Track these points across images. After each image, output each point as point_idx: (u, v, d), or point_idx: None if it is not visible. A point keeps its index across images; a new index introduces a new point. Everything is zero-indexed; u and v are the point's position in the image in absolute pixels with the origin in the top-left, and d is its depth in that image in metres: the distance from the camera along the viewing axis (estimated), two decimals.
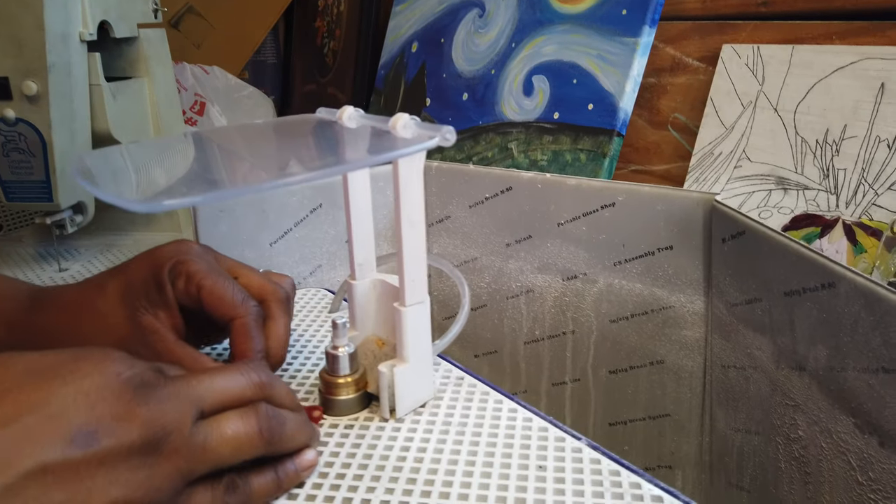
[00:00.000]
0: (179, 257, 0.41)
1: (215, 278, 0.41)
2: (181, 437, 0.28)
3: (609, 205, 0.63)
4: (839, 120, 0.70)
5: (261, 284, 0.43)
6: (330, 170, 0.31)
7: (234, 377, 0.32)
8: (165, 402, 0.28)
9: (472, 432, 0.40)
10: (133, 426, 0.27)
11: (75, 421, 0.25)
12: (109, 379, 0.27)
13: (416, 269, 0.40)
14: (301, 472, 0.34)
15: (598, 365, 0.69)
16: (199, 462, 0.29)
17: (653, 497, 0.34)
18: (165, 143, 0.43)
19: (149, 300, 0.40)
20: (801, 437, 0.47)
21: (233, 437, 0.30)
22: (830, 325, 0.42)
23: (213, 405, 0.30)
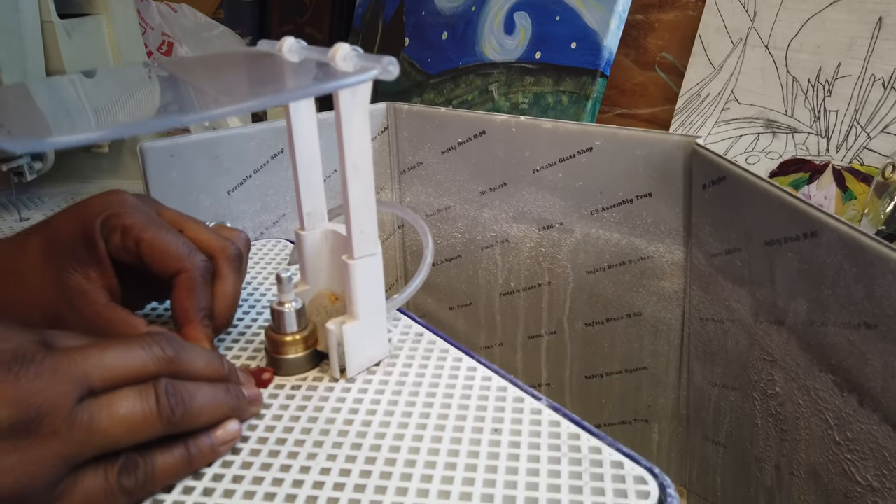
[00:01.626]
0: (113, 210, 0.37)
1: (156, 230, 0.37)
2: (60, 418, 0.25)
3: (586, 149, 0.60)
4: (833, 57, 0.66)
5: (209, 239, 0.40)
6: (242, 105, 0.28)
7: (132, 351, 0.28)
8: (41, 380, 0.25)
9: (427, 392, 0.37)
10: (2, 404, 0.24)
11: None
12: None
13: (365, 219, 0.37)
14: (219, 448, 0.31)
15: (575, 317, 0.67)
16: (84, 445, 0.26)
17: (612, 462, 0.31)
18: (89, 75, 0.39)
19: (77, 259, 0.36)
20: (779, 394, 0.45)
21: (126, 417, 0.27)
22: (811, 276, 0.39)
23: (104, 382, 0.27)
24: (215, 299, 0.39)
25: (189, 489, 0.30)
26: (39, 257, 0.37)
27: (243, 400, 0.33)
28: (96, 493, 0.26)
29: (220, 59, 0.38)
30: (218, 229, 0.42)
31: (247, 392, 0.34)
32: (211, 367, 0.32)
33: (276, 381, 0.38)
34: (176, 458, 0.29)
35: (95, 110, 0.30)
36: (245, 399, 0.33)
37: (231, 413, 0.32)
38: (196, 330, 0.37)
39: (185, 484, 0.30)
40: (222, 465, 0.31)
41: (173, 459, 0.29)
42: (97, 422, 0.26)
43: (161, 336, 0.30)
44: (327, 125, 0.42)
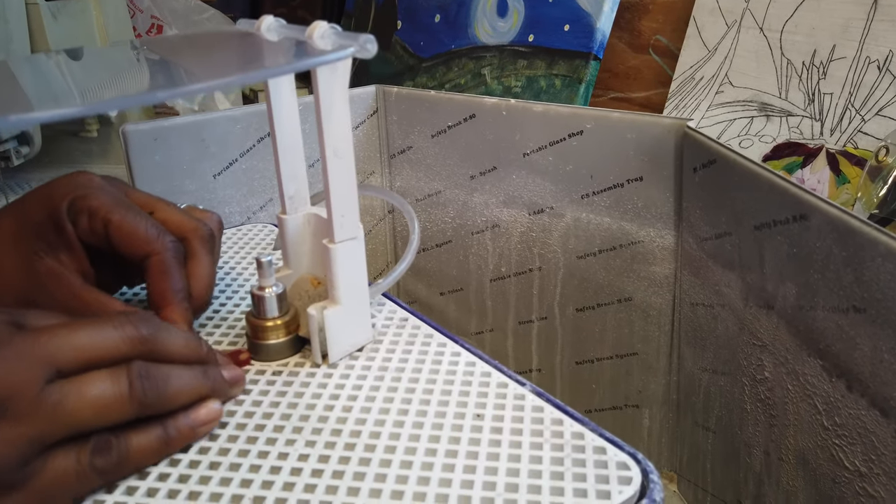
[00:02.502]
0: (78, 192, 0.36)
1: (123, 212, 0.36)
2: (26, 401, 0.24)
3: (577, 133, 0.59)
4: (828, 39, 0.65)
5: (180, 220, 0.39)
6: (215, 82, 0.27)
7: (103, 331, 0.28)
8: (6, 362, 0.25)
9: (410, 378, 0.36)
10: None
11: None
12: None
13: (346, 203, 0.36)
14: (198, 428, 0.30)
15: (566, 303, 0.66)
16: (52, 426, 0.25)
17: (595, 448, 0.31)
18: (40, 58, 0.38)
19: (47, 243, 0.36)
20: (768, 379, 0.45)
21: (95, 400, 0.26)
22: (801, 260, 0.39)
23: (73, 363, 0.27)
24: (191, 280, 0.38)
25: (164, 476, 0.29)
26: (9, 242, 0.36)
27: (222, 382, 0.33)
28: (68, 473, 0.26)
29: (201, 39, 0.37)
30: (189, 211, 0.41)
31: (228, 373, 0.33)
32: (188, 347, 0.31)
33: (256, 367, 0.38)
34: (152, 439, 0.29)
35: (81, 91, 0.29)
36: (224, 381, 0.33)
37: (209, 395, 0.31)
38: (175, 312, 0.36)
39: (160, 470, 0.30)
40: (199, 451, 0.31)
41: (149, 440, 0.29)
42: (65, 404, 0.26)
43: (135, 316, 0.29)
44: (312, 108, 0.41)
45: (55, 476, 0.26)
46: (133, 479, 0.29)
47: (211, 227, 0.40)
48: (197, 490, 0.29)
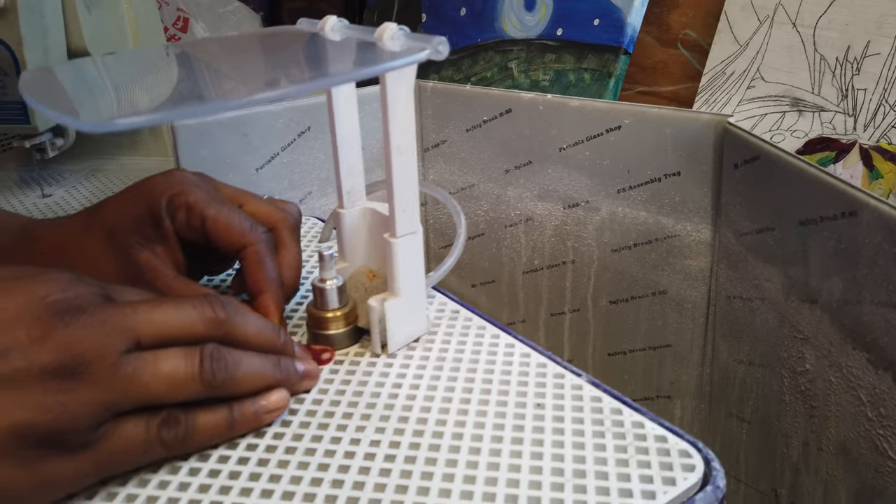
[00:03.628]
0: (175, 189, 0.38)
1: (219, 207, 0.38)
2: (103, 367, 0.26)
3: (614, 128, 0.60)
4: (862, 35, 0.65)
5: (267, 212, 0.41)
6: (299, 87, 0.28)
7: (182, 310, 0.29)
8: (88, 329, 0.26)
9: (468, 368, 0.38)
10: (47, 349, 0.25)
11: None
12: (33, 301, 0.26)
13: (407, 199, 0.37)
14: (263, 415, 0.32)
15: (599, 295, 0.68)
16: (124, 394, 0.27)
17: (656, 437, 0.32)
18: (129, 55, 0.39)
19: (144, 236, 0.38)
20: (809, 371, 0.46)
21: (168, 375, 0.28)
22: (848, 256, 0.39)
23: (151, 337, 0.28)
24: (282, 268, 0.40)
25: (244, 459, 0.31)
26: (105, 235, 0.38)
27: (294, 374, 0.34)
28: (136, 440, 0.28)
29: (267, 40, 0.38)
30: (272, 202, 0.43)
31: (301, 366, 0.34)
32: (262, 335, 0.32)
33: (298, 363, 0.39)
34: (218, 419, 0.30)
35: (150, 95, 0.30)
36: (296, 373, 0.34)
37: (277, 385, 0.33)
38: (269, 299, 0.38)
39: (239, 454, 0.31)
40: (274, 436, 0.32)
41: (215, 420, 0.30)
42: (139, 375, 0.27)
43: (215, 298, 0.31)
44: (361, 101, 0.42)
45: (123, 442, 0.27)
46: (213, 461, 0.30)
47: (295, 217, 0.42)
48: (277, 473, 0.30)
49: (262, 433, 0.32)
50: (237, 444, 0.32)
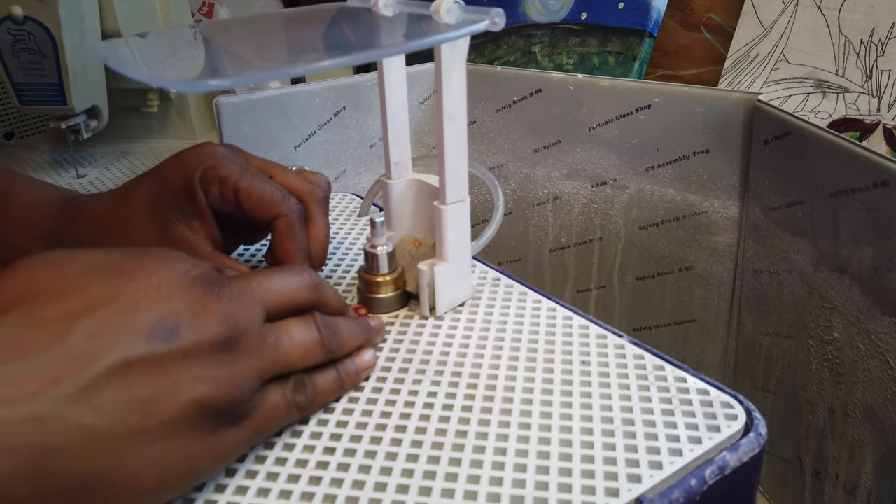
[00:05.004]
0: (207, 163, 0.38)
1: (251, 179, 0.39)
2: (254, 337, 0.27)
3: (644, 107, 0.61)
4: (887, 17, 0.66)
5: (296, 184, 0.42)
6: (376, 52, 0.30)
7: (289, 278, 0.31)
8: (237, 301, 0.27)
9: (514, 329, 0.39)
10: (211, 322, 0.26)
11: (152, 315, 0.24)
12: (178, 275, 0.26)
13: (457, 166, 0.39)
14: (361, 372, 0.34)
15: (625, 272, 0.69)
16: (272, 362, 0.28)
17: (699, 390, 0.34)
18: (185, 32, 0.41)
19: (181, 211, 0.38)
20: (836, 339, 0.48)
21: (300, 344, 0.30)
22: (880, 225, 0.41)
23: (275, 306, 0.30)
24: (310, 241, 0.41)
25: None
26: (143, 211, 0.39)
27: (371, 330, 0.36)
28: (279, 406, 0.29)
29: (324, 15, 0.40)
30: (301, 174, 0.44)
31: (374, 322, 0.37)
32: (337, 297, 0.35)
33: (369, 319, 0.41)
34: (331, 379, 0.32)
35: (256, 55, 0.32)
36: (373, 330, 0.36)
37: (365, 343, 0.35)
38: None
39: None
40: None
41: (329, 380, 0.32)
42: (280, 343, 0.29)
43: (304, 266, 0.33)
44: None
45: (271, 408, 0.29)
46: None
47: (324, 189, 0.43)
48: (343, 420, 0.32)
49: None
50: None
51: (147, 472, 0.24)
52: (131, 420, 0.23)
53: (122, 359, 0.23)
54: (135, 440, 0.23)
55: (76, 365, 0.22)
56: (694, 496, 0.28)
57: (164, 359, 0.24)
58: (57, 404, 0.22)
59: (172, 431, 0.24)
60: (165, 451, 0.24)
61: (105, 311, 0.24)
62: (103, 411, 0.22)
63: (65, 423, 0.22)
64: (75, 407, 0.22)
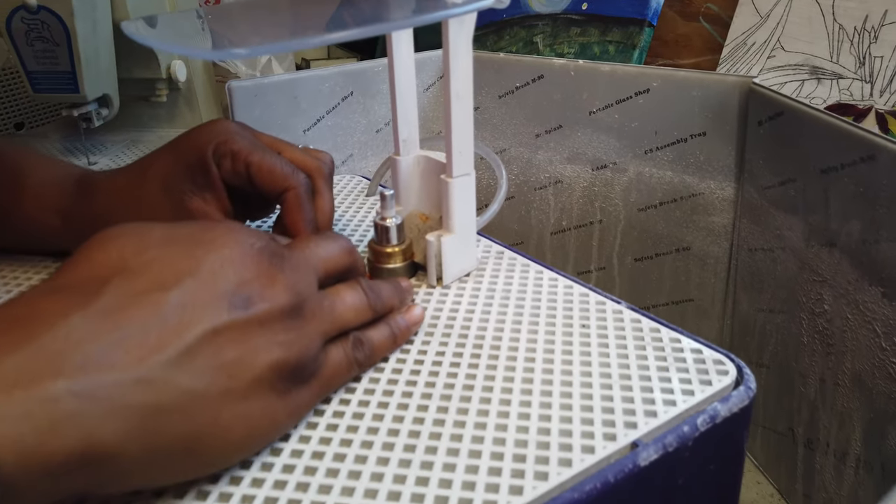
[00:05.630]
0: (220, 138, 0.40)
1: (261, 153, 0.41)
2: (315, 302, 0.29)
3: (643, 91, 0.63)
4: (880, 5, 0.68)
5: (304, 160, 0.43)
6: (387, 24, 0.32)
7: (332, 245, 0.33)
8: (297, 270, 0.29)
9: (517, 297, 0.41)
10: (279, 291, 0.28)
11: (229, 286, 0.26)
12: (246, 248, 0.28)
13: (463, 141, 0.41)
14: (412, 326, 0.36)
15: (624, 253, 0.71)
16: (331, 324, 0.30)
17: (692, 349, 0.36)
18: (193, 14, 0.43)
19: (194, 183, 0.40)
20: (826, 311, 0.49)
21: (351, 304, 0.32)
22: (867, 198, 0.43)
23: (324, 272, 0.32)
24: (317, 212, 0.43)
25: None
26: (159, 184, 0.41)
27: (404, 290, 0.38)
28: (341, 364, 0.32)
29: None
30: (307, 151, 0.46)
31: (405, 283, 0.39)
32: (362, 263, 0.37)
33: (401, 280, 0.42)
34: (385, 335, 0.34)
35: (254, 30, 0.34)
36: (405, 289, 0.38)
37: (401, 303, 0.37)
38: None
39: None
40: None
41: (383, 336, 0.34)
42: (335, 306, 0.31)
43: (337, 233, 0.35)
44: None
45: (334, 366, 0.31)
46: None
47: (329, 165, 0.45)
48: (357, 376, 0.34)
49: None
50: None
51: (236, 427, 0.26)
52: (221, 382, 0.25)
53: (211, 327, 0.25)
54: (225, 399, 0.25)
55: (173, 333, 0.24)
56: (686, 441, 0.30)
57: (244, 326, 0.26)
58: (161, 368, 0.24)
59: (255, 391, 0.26)
60: (250, 408, 0.26)
61: (190, 282, 0.26)
62: (198, 374, 0.25)
63: (168, 385, 0.24)
64: (176, 370, 0.24)
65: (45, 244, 0.45)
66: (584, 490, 0.27)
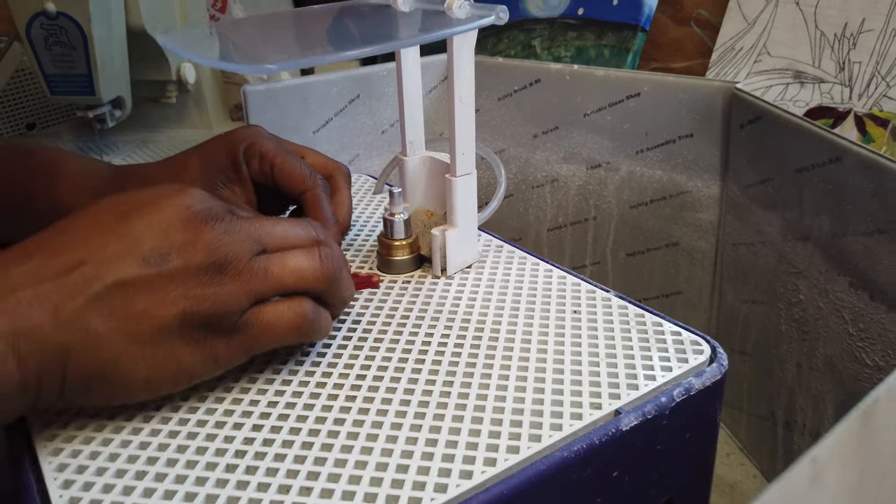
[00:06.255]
0: (251, 140, 0.45)
1: (285, 156, 0.45)
2: (241, 265, 0.32)
3: (634, 95, 0.67)
4: (858, 13, 0.72)
5: (325, 162, 0.48)
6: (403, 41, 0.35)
7: (295, 227, 0.36)
8: (229, 234, 0.32)
9: (515, 286, 0.45)
10: (198, 250, 0.31)
11: (148, 245, 0.31)
12: (180, 211, 0.32)
13: (466, 143, 0.45)
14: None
15: (617, 248, 0.75)
16: (262, 284, 0.33)
17: (672, 332, 0.40)
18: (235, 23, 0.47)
19: (226, 177, 0.45)
20: (802, 301, 0.53)
21: (295, 268, 0.34)
22: (835, 195, 0.47)
23: (274, 247, 0.34)
24: (337, 208, 0.47)
25: (343, 345, 0.38)
26: (196, 175, 0.46)
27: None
28: (274, 325, 0.33)
29: (351, 10, 0.45)
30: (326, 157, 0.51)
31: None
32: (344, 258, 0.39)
33: (388, 278, 0.47)
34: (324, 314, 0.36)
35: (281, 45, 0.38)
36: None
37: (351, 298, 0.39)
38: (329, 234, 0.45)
39: (339, 342, 0.39)
40: (358, 341, 0.40)
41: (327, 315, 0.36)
42: (271, 269, 0.33)
43: (316, 223, 0.38)
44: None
45: (266, 325, 0.33)
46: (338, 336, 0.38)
47: (347, 169, 0.50)
48: (371, 354, 0.38)
49: (355, 325, 0.40)
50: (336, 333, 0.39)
51: (139, 368, 0.30)
52: (126, 326, 0.30)
53: (119, 279, 0.30)
54: (129, 342, 0.30)
55: (88, 283, 0.30)
56: (664, 410, 0.34)
57: (153, 279, 0.30)
58: (73, 312, 0.29)
59: (160, 337, 0.30)
60: (154, 352, 0.30)
61: (116, 243, 0.31)
62: (105, 318, 0.30)
63: (78, 325, 0.29)
64: (86, 314, 0.29)
65: None
66: (573, 450, 0.31)
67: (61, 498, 0.29)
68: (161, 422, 0.33)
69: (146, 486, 0.29)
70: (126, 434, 0.32)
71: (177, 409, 0.34)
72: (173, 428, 0.33)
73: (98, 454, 0.31)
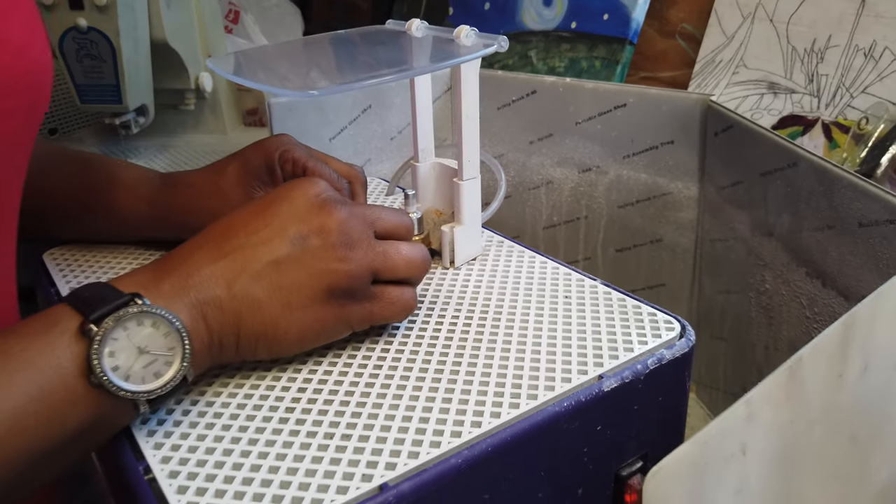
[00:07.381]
0: (285, 146, 0.51)
1: (315, 163, 0.52)
2: (365, 244, 0.39)
3: (621, 105, 0.74)
4: (825, 30, 0.79)
5: (346, 169, 0.55)
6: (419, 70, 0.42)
7: (395, 213, 0.42)
8: (352, 217, 0.39)
9: (514, 276, 0.52)
10: (331, 230, 0.38)
11: (292, 229, 0.37)
12: (311, 199, 0.39)
13: (472, 152, 0.52)
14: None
15: (607, 245, 0.82)
16: (381, 264, 0.39)
17: (649, 313, 0.46)
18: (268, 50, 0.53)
19: (262, 181, 0.51)
20: (768, 290, 0.60)
21: (406, 256, 0.40)
22: (793, 196, 0.54)
23: (383, 230, 0.41)
24: None
25: None
26: (235, 179, 0.52)
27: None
28: (394, 302, 0.41)
29: (371, 36, 0.52)
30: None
31: None
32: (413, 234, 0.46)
33: None
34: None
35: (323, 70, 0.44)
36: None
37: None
38: None
39: None
40: None
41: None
42: (389, 253, 0.40)
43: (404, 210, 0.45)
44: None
45: (389, 301, 0.41)
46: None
47: (364, 176, 0.56)
48: (389, 339, 0.45)
49: None
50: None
51: (293, 329, 0.38)
52: (282, 296, 0.37)
53: (275, 258, 0.37)
54: (285, 308, 0.37)
55: (248, 262, 0.37)
56: (639, 375, 0.41)
57: (300, 257, 0.37)
58: (242, 284, 0.36)
59: (309, 303, 0.38)
60: (303, 316, 0.38)
61: (263, 231, 0.38)
62: (265, 290, 0.37)
63: (247, 295, 0.36)
64: (252, 286, 0.36)
65: (135, 231, 0.56)
66: (563, 406, 0.38)
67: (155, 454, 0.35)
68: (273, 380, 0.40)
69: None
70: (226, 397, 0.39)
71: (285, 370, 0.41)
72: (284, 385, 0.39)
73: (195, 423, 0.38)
